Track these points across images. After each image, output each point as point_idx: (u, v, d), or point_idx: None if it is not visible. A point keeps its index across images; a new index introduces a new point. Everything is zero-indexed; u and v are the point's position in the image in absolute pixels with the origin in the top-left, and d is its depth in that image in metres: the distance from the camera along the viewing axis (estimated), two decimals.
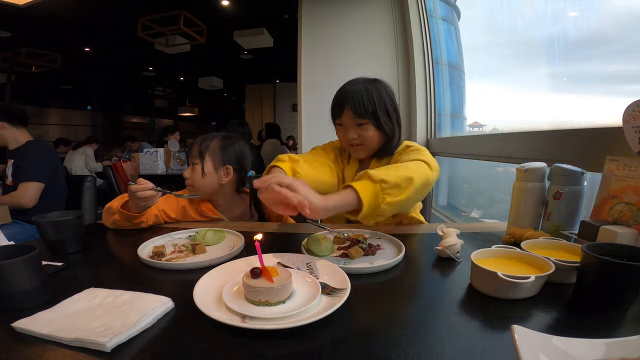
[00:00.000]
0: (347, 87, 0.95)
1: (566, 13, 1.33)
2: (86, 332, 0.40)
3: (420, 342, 0.40)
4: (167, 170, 3.49)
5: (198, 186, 1.06)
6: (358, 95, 0.92)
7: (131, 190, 0.85)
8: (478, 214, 1.92)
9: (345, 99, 0.93)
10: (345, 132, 0.96)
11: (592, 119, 1.12)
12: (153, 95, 10.81)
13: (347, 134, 0.96)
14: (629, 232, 0.58)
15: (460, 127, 2.28)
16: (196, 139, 1.10)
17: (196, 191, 1.06)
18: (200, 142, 1.08)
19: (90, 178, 1.78)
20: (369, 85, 0.95)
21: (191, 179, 1.06)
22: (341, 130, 0.99)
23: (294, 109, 8.64)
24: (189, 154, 1.11)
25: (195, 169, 1.05)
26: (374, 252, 0.70)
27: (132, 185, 0.86)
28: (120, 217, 0.89)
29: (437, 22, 2.16)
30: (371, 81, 0.97)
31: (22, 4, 2.50)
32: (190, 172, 1.07)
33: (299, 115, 2.31)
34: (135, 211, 0.90)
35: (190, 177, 1.06)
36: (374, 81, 0.98)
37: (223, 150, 1.08)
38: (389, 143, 0.98)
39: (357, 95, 0.92)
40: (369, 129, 0.94)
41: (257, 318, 0.43)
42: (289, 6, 4.27)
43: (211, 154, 1.07)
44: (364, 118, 0.92)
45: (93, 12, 4.48)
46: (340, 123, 0.98)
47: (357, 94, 0.92)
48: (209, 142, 1.08)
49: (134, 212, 0.89)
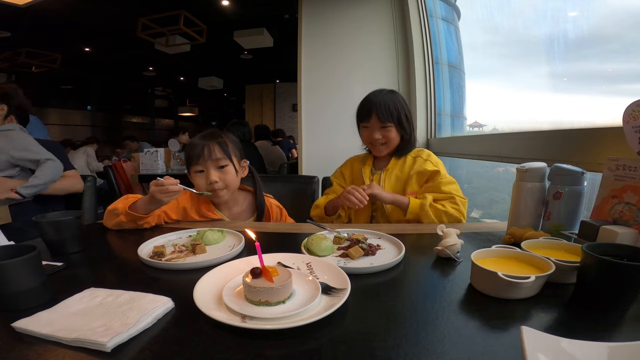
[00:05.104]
0: (373, 97, 1.14)
1: (565, 12, 1.33)
2: (86, 332, 0.40)
3: (420, 342, 0.40)
4: (168, 170, 3.49)
5: (231, 186, 1.07)
6: (384, 104, 1.11)
7: (161, 184, 0.87)
8: (478, 214, 1.92)
9: (372, 107, 1.12)
10: (371, 133, 1.15)
11: (592, 118, 1.12)
12: (153, 95, 10.82)
13: (372, 135, 1.15)
14: (629, 232, 0.58)
15: (460, 127, 2.28)
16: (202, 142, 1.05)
17: (229, 192, 1.07)
18: (217, 143, 1.05)
19: (90, 178, 1.78)
20: (390, 95, 1.15)
21: (224, 181, 1.05)
22: (366, 132, 1.17)
23: (294, 109, 8.64)
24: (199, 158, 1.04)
25: (227, 170, 1.05)
26: (374, 252, 0.70)
27: (159, 180, 0.87)
28: (126, 218, 0.90)
29: (437, 22, 2.16)
30: (391, 92, 1.16)
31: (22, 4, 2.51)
32: (219, 175, 1.04)
33: (299, 115, 2.31)
34: (142, 212, 0.91)
35: (223, 179, 1.04)
36: (393, 92, 1.17)
37: (236, 145, 1.10)
38: (405, 143, 1.17)
39: (383, 104, 1.11)
40: (391, 131, 1.13)
41: (257, 318, 0.43)
42: (289, 6, 4.28)
43: (232, 151, 1.08)
44: (389, 122, 1.11)
45: (93, 12, 4.49)
46: (365, 126, 1.17)
47: (382, 103, 1.11)
48: (224, 139, 1.07)
49: (141, 213, 0.90)
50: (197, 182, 1.06)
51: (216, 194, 1.05)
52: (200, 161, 1.04)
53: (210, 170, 1.04)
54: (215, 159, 1.04)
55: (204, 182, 1.05)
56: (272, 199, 1.21)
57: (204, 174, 1.05)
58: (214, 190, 1.04)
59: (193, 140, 1.08)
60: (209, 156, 1.03)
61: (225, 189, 1.06)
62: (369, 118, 1.13)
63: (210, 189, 1.04)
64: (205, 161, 1.04)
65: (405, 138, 1.16)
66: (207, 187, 1.04)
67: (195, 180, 1.07)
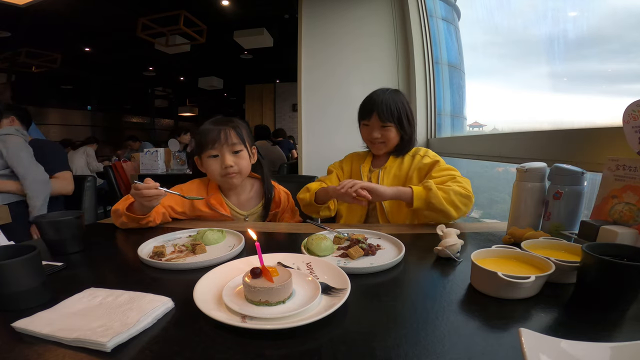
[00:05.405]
0: (375, 96, 1.13)
1: (565, 12, 1.33)
2: (86, 332, 0.40)
3: (420, 342, 0.40)
4: (168, 170, 3.49)
5: (245, 171, 1.07)
6: (385, 104, 1.10)
7: (137, 188, 0.85)
8: (478, 214, 1.92)
9: (374, 105, 1.12)
10: (371, 131, 1.14)
11: (592, 118, 1.12)
12: (153, 95, 10.82)
13: (372, 133, 1.14)
14: (629, 232, 0.58)
15: (460, 127, 2.28)
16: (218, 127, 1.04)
17: (241, 177, 1.08)
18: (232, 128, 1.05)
19: (90, 178, 1.78)
20: (393, 95, 1.13)
21: (238, 166, 1.05)
22: (366, 130, 1.17)
23: (294, 109, 8.64)
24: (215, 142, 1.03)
25: (242, 155, 1.06)
26: (374, 252, 0.70)
27: (137, 183, 0.85)
28: (127, 219, 0.91)
29: (437, 22, 2.16)
30: (394, 92, 1.15)
31: (22, 4, 2.50)
32: (234, 160, 1.04)
33: (299, 115, 2.31)
34: (140, 213, 0.90)
35: (237, 164, 1.05)
36: (396, 92, 1.16)
37: (248, 131, 1.10)
38: (405, 143, 1.16)
39: (384, 103, 1.10)
40: (391, 131, 1.13)
41: (257, 318, 0.43)
42: (289, 6, 4.28)
43: (246, 136, 1.08)
44: (389, 122, 1.11)
45: (93, 12, 4.49)
46: (366, 124, 1.16)
47: (384, 102, 1.10)
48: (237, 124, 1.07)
49: (138, 214, 0.90)
50: (210, 168, 1.06)
51: (229, 179, 1.05)
52: (215, 145, 1.03)
53: (225, 154, 1.04)
54: (231, 144, 1.04)
55: (218, 167, 1.05)
56: (277, 184, 1.22)
57: (219, 158, 1.04)
58: (227, 174, 1.04)
59: (205, 125, 1.07)
60: (225, 140, 1.03)
61: (239, 174, 1.06)
62: (370, 116, 1.13)
63: (224, 174, 1.04)
64: (222, 145, 1.03)
65: (405, 138, 1.15)
66: (221, 172, 1.04)
67: (209, 166, 1.06)
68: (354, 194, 0.92)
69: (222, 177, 1.06)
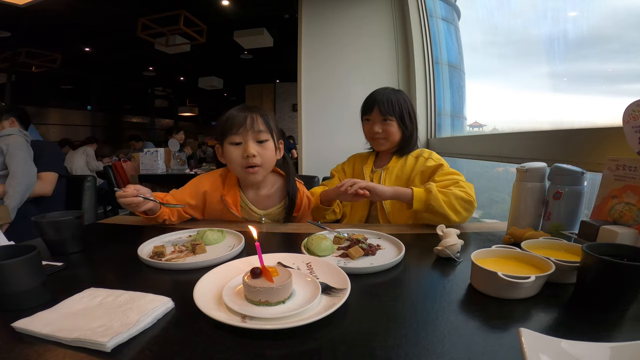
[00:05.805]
0: (377, 93, 1.16)
1: (565, 12, 1.33)
2: (86, 332, 0.40)
3: (420, 342, 0.40)
4: (168, 170, 3.49)
5: (268, 165, 0.98)
6: (386, 98, 1.13)
7: (116, 196, 0.88)
8: (478, 214, 1.92)
9: (375, 100, 1.14)
10: (372, 126, 1.16)
11: (592, 118, 1.12)
12: (153, 95, 10.81)
13: (373, 127, 1.15)
14: (629, 232, 0.58)
15: (460, 127, 2.28)
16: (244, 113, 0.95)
17: (264, 171, 0.98)
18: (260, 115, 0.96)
19: (90, 178, 1.79)
20: (395, 92, 1.16)
21: (261, 157, 0.95)
22: (368, 125, 1.18)
23: (294, 109, 8.64)
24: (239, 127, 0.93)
25: (267, 146, 0.96)
26: (374, 252, 0.70)
27: (117, 191, 0.88)
28: (143, 218, 0.96)
29: (437, 22, 2.16)
30: (396, 90, 1.18)
31: (22, 4, 2.50)
32: (257, 150, 0.94)
33: (299, 115, 2.31)
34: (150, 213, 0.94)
35: (261, 154, 0.95)
36: (398, 91, 1.19)
37: (276, 124, 1.01)
38: (407, 141, 1.17)
39: (385, 98, 1.13)
40: (392, 125, 1.14)
41: (257, 318, 0.43)
42: (289, 6, 4.28)
43: (274, 127, 0.98)
44: (390, 115, 1.13)
45: (93, 12, 4.49)
46: (368, 118, 1.18)
47: (385, 97, 1.13)
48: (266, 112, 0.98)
49: (149, 214, 0.94)
50: (231, 156, 0.96)
51: (250, 174, 0.96)
52: (240, 131, 0.93)
53: (249, 142, 0.94)
54: (257, 131, 0.94)
55: (239, 156, 0.95)
56: (302, 185, 1.11)
57: (241, 146, 0.95)
58: (248, 165, 0.94)
59: (231, 111, 0.98)
60: (250, 126, 0.93)
61: (261, 167, 0.96)
62: (371, 111, 1.15)
63: (245, 164, 0.95)
64: (247, 131, 0.94)
65: (406, 135, 1.16)
66: (242, 162, 0.95)
67: (229, 154, 0.96)
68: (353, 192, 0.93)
69: (243, 169, 0.96)
